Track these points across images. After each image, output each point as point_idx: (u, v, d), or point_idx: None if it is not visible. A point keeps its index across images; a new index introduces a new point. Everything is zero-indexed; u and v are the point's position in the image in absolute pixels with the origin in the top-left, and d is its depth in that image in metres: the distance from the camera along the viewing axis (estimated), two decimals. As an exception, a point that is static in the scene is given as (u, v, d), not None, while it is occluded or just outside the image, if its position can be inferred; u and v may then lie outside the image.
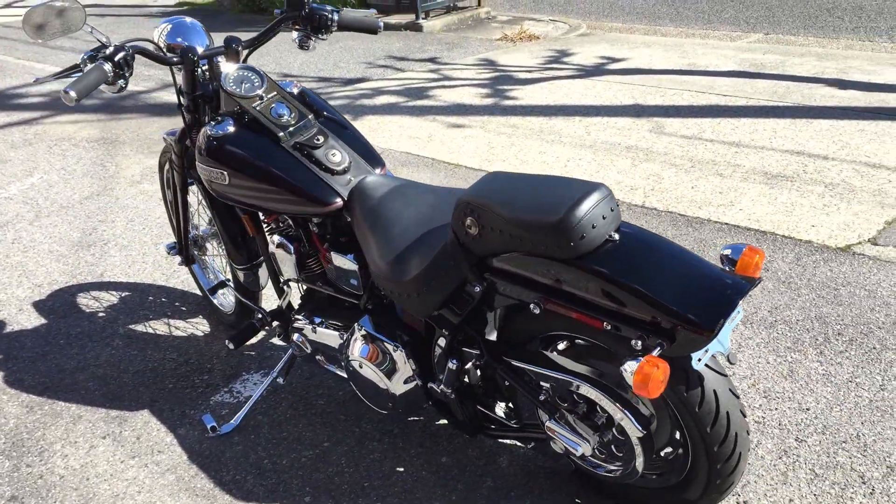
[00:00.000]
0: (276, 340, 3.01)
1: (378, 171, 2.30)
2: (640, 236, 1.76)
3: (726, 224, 3.75)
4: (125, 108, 6.47)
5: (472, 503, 2.21)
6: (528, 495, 2.22)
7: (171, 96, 6.80)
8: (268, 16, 10.46)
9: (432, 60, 7.67)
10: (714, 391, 1.77)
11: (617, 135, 5.11)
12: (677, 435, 1.93)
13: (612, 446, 1.95)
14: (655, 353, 1.64)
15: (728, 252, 1.80)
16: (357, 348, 2.26)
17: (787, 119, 5.18)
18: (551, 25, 9.17)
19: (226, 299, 3.16)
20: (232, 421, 2.58)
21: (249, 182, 2.23)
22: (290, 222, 2.39)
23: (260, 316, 2.63)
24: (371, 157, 2.32)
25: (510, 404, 2.20)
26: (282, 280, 2.57)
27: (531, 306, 1.83)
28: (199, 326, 3.18)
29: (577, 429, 1.96)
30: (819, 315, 2.95)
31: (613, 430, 1.92)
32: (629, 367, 1.62)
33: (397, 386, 2.22)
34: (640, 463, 1.90)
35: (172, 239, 3.95)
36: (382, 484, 2.30)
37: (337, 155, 2.23)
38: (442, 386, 2.12)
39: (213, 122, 2.29)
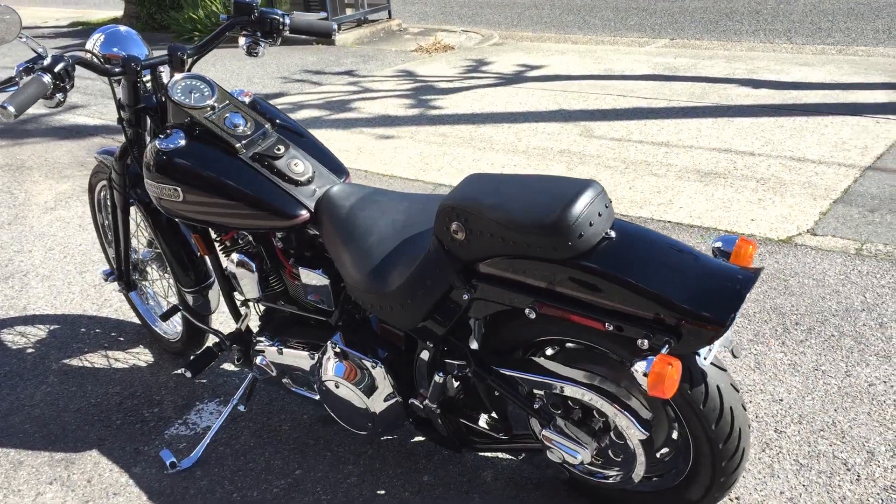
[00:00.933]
0: (228, 365, 2.85)
1: (342, 180, 2.19)
2: (637, 232, 1.71)
3: (669, 222, 3.78)
4: (28, 132, 6.10)
5: (461, 522, 2.12)
6: (518, 509, 2.14)
7: (77, 118, 6.46)
8: (172, 34, 10.10)
9: (350, 73, 7.55)
10: (717, 387, 1.73)
11: (548, 140, 5.12)
12: (674, 434, 1.89)
13: (611, 451, 1.89)
14: (664, 351, 1.59)
15: (720, 244, 1.77)
16: (331, 367, 2.13)
17: (709, 119, 5.30)
18: (464, 36, 9.18)
19: (170, 326, 2.97)
20: (192, 454, 2.40)
21: (206, 197, 2.08)
22: (250, 238, 2.24)
23: (217, 340, 2.46)
24: (334, 165, 2.20)
25: (494, 415, 2.12)
26: (240, 301, 2.42)
27: (526, 311, 1.75)
28: (141, 357, 2.98)
29: (574, 436, 1.89)
30: (774, 306, 2.99)
31: (611, 434, 1.86)
32: (640, 368, 1.56)
33: (377, 404, 2.11)
34: (640, 466, 1.85)
35: (103, 266, 3.71)
36: (364, 509, 2.18)
37: (300, 165, 2.11)
38: (426, 401, 2.02)
39: (161, 136, 2.13)
